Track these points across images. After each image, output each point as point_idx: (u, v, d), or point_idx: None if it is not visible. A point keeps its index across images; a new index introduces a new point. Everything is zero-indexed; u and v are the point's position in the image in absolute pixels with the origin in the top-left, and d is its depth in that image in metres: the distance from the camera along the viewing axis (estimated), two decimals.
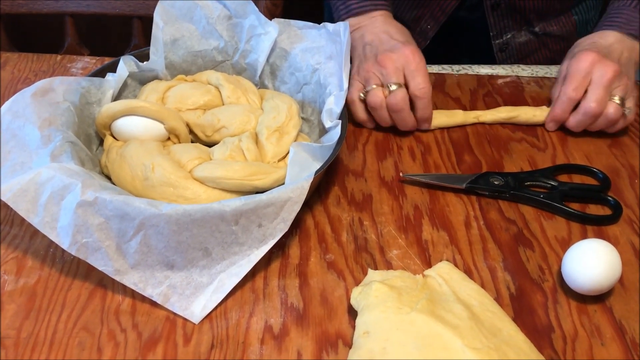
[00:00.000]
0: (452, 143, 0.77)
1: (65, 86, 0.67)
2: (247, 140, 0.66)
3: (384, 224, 0.65)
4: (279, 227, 0.56)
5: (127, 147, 0.65)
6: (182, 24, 0.76)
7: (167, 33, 0.76)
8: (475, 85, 0.87)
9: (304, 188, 0.57)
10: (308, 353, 0.52)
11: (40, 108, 0.63)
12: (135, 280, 0.55)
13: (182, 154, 0.64)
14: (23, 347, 0.52)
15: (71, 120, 0.65)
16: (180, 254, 0.55)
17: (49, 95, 0.65)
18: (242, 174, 0.61)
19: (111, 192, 0.56)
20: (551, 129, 0.79)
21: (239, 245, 0.56)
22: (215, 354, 0.52)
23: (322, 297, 0.57)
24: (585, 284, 0.56)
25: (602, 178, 0.71)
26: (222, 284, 0.56)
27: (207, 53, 0.77)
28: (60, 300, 0.56)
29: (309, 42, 0.74)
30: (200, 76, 0.76)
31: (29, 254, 0.60)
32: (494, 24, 0.96)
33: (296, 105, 0.71)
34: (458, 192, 0.69)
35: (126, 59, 0.74)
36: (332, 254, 0.61)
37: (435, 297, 0.53)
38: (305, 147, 0.61)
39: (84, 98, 0.68)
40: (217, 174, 0.61)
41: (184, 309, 0.55)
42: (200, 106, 0.72)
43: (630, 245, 0.64)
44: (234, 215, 0.54)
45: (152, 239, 0.54)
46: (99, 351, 0.52)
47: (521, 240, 0.64)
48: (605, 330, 0.55)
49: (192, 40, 0.77)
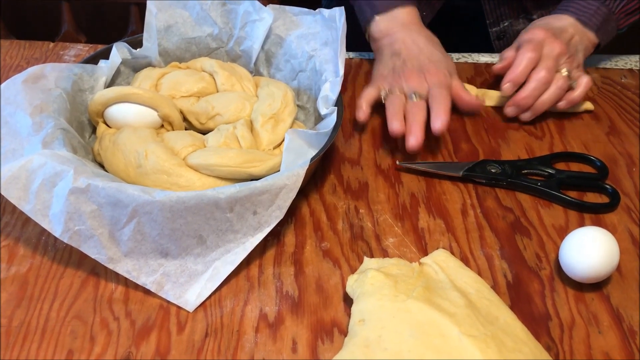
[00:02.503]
0: (449, 131, 0.76)
1: (57, 73, 0.66)
2: (242, 128, 0.65)
3: (380, 212, 0.64)
4: (275, 214, 0.56)
5: (120, 135, 0.64)
6: (175, 10, 0.75)
7: (160, 19, 0.75)
8: (472, 73, 0.87)
9: (299, 175, 0.56)
10: (303, 341, 0.52)
11: (31, 95, 0.62)
12: (128, 268, 0.55)
13: (175, 141, 0.63)
14: (14, 335, 0.51)
15: (63, 107, 0.64)
16: (175, 241, 0.55)
17: (40, 82, 0.64)
18: (236, 161, 0.61)
19: (104, 179, 0.55)
20: (508, 92, 0.77)
21: (234, 232, 0.56)
22: (210, 342, 0.52)
23: (318, 285, 0.57)
24: (583, 272, 0.55)
25: (600, 166, 0.71)
26: (217, 272, 0.56)
27: (201, 40, 0.76)
28: (52, 288, 0.55)
29: (304, 28, 0.73)
30: (194, 63, 0.75)
31: (20, 242, 0.59)
32: (490, 11, 0.96)
33: (291, 93, 0.71)
34: (455, 180, 0.69)
35: (119, 45, 0.73)
36: (328, 242, 0.61)
37: (431, 284, 0.53)
38: (300, 134, 0.61)
39: (76, 85, 0.67)
40: (211, 161, 0.60)
41: (178, 297, 0.54)
42: (194, 93, 0.71)
43: (628, 233, 0.63)
44: (228, 203, 0.54)
45: (146, 226, 0.54)
46: (92, 339, 0.51)
47: (518, 228, 0.63)
48: (603, 318, 0.55)
49: (186, 26, 0.76)
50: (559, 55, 0.76)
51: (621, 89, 0.85)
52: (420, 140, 0.69)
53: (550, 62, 0.75)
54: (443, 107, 0.71)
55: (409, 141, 0.69)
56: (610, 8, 0.80)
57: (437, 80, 0.74)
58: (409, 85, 0.73)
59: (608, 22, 0.81)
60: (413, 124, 0.70)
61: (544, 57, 0.76)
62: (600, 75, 0.88)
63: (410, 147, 0.69)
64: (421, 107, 0.72)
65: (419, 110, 0.71)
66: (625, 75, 0.88)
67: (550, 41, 0.76)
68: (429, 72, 0.74)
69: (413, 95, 0.73)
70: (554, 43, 0.76)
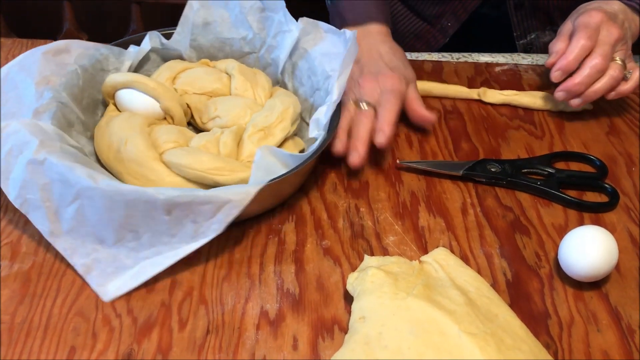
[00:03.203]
0: (449, 130, 0.77)
1: (82, 50, 0.68)
2: (228, 134, 0.64)
3: (381, 210, 0.65)
4: (214, 227, 0.54)
5: (116, 117, 0.65)
6: (216, 9, 0.75)
7: (199, 15, 0.75)
8: (472, 72, 0.87)
9: (248, 193, 0.54)
10: (304, 338, 0.52)
11: (45, 66, 0.65)
12: (65, 246, 0.56)
13: (161, 135, 0.64)
14: (17, 332, 0.52)
15: (73, 83, 0.66)
16: (111, 231, 0.55)
17: (60, 56, 0.66)
18: (205, 166, 0.60)
19: (65, 156, 0.56)
20: (557, 79, 0.75)
21: (170, 236, 0.55)
22: (211, 340, 0.52)
23: (318, 282, 0.57)
24: (582, 270, 0.56)
25: (599, 165, 0.71)
26: (143, 271, 0.55)
27: (235, 42, 0.76)
28: (54, 285, 0.56)
29: (329, 46, 0.70)
30: (221, 63, 0.75)
31: (23, 239, 0.60)
32: (518, 23, 0.94)
33: (295, 109, 0.68)
34: (455, 179, 0.69)
35: (153, 34, 0.74)
36: (329, 240, 0.61)
37: (431, 282, 0.53)
38: (274, 152, 0.59)
39: (100, 64, 0.70)
40: (182, 161, 0.60)
41: (100, 285, 0.55)
42: (207, 92, 0.71)
43: (627, 232, 0.64)
44: (166, 205, 0.53)
45: (87, 210, 0.55)
46: (94, 336, 0.52)
47: (518, 227, 0.64)
48: (601, 316, 0.55)
49: (223, 26, 0.75)
50: (616, 41, 0.73)
51: None
52: (362, 156, 0.66)
53: (607, 49, 0.72)
54: (387, 116, 0.68)
55: (351, 158, 0.66)
56: None
57: (390, 84, 0.71)
58: (361, 92, 0.71)
59: None
60: (356, 139, 0.67)
61: (600, 43, 0.73)
62: None
63: (351, 165, 0.66)
64: (368, 116, 0.69)
65: (365, 120, 0.68)
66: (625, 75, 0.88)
67: (608, 25, 0.73)
68: (384, 76, 0.72)
69: (363, 103, 0.70)
70: (612, 28, 0.73)
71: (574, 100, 0.75)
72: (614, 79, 0.73)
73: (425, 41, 1.00)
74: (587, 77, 0.73)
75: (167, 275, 0.57)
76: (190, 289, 0.56)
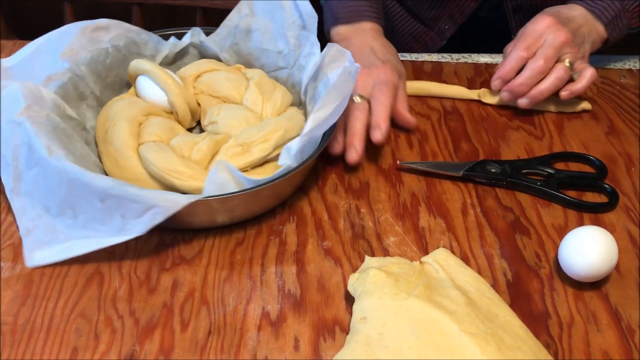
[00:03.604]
0: (449, 131, 0.77)
1: (121, 31, 0.71)
2: (206, 141, 0.64)
3: (381, 211, 0.65)
4: (138, 227, 0.54)
5: (121, 100, 0.67)
6: (262, 18, 0.74)
7: (245, 21, 0.75)
8: (472, 73, 0.87)
9: (177, 203, 0.54)
10: (305, 339, 0.53)
11: (77, 40, 0.68)
12: (18, 206, 0.59)
13: (150, 126, 0.65)
14: (20, 333, 0.52)
15: (99, 60, 0.69)
16: (56, 203, 0.57)
17: (98, 33, 0.69)
18: (166, 167, 0.60)
19: (42, 124, 0.59)
20: (497, 87, 0.78)
21: (101, 223, 0.56)
22: (213, 341, 0.52)
23: (320, 283, 0.57)
24: (582, 270, 0.56)
25: (599, 166, 0.71)
26: (70, 249, 0.57)
27: (271, 54, 0.75)
28: (57, 287, 0.56)
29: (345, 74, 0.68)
30: (249, 72, 0.74)
31: None
32: (516, 26, 0.94)
33: (285, 134, 0.65)
34: (455, 179, 0.69)
35: (196, 30, 0.75)
36: (330, 241, 0.61)
37: (432, 283, 0.53)
38: (230, 170, 0.58)
39: (137, 48, 0.72)
40: (148, 156, 0.61)
41: (30, 250, 0.57)
42: (221, 97, 0.71)
43: (627, 232, 0.64)
44: (100, 193, 0.55)
45: (41, 178, 0.57)
46: (96, 337, 0.52)
47: (518, 227, 0.64)
48: (601, 316, 0.56)
49: (264, 36, 0.75)
50: (562, 44, 0.74)
51: (620, 89, 0.86)
52: (360, 152, 0.67)
53: (549, 51, 0.74)
54: (382, 112, 0.69)
55: (348, 155, 0.67)
56: (624, 4, 0.79)
57: (383, 76, 0.72)
58: (355, 86, 0.71)
59: (620, 19, 0.80)
60: (352, 136, 0.68)
61: (544, 46, 0.75)
62: (599, 75, 0.88)
63: (350, 162, 0.67)
64: (363, 109, 0.69)
65: (359, 114, 0.69)
66: (624, 75, 0.88)
67: (554, 29, 0.75)
68: (377, 68, 0.73)
69: (356, 97, 0.71)
70: (558, 31, 0.75)
71: (521, 100, 0.77)
72: (559, 80, 0.75)
73: (423, 43, 1.01)
74: (528, 79, 0.75)
75: (169, 276, 0.57)
76: (192, 290, 0.56)
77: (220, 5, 1.12)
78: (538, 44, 0.75)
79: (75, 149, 0.62)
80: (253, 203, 0.61)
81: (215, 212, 0.59)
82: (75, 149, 0.62)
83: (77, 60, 0.67)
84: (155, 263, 0.58)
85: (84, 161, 0.62)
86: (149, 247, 0.60)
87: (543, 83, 0.76)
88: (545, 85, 0.75)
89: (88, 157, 0.63)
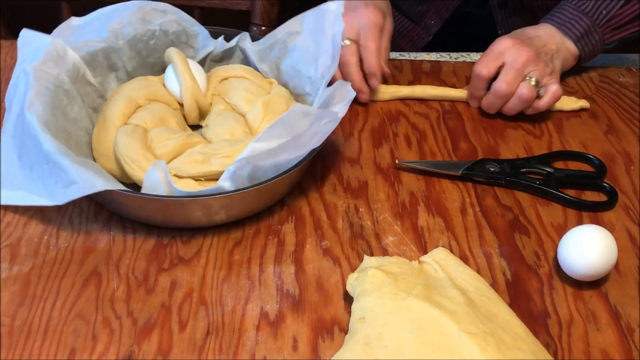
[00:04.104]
0: (447, 130, 0.77)
1: (176, 18, 0.73)
2: (176, 140, 0.64)
3: (380, 210, 0.65)
4: (59, 197, 0.58)
5: (140, 80, 0.71)
6: (306, 39, 0.72)
7: (292, 39, 0.73)
8: (470, 72, 0.87)
9: (94, 186, 0.56)
10: (304, 339, 0.52)
11: (130, 16, 0.71)
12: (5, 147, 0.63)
13: (145, 111, 0.67)
14: (17, 334, 0.52)
15: (142, 39, 0.72)
16: (23, 153, 0.61)
17: (152, 14, 0.72)
18: (124, 152, 0.62)
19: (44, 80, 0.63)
20: (473, 105, 0.80)
21: (44, 183, 0.59)
22: (211, 341, 0.52)
23: (318, 283, 0.57)
24: (581, 269, 0.56)
25: (598, 164, 0.71)
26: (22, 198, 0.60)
27: (303, 78, 0.73)
28: (54, 287, 0.56)
29: None
30: (276, 89, 0.72)
31: (22, 241, 0.60)
32: (502, 22, 0.95)
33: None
34: (454, 178, 0.69)
35: (244, 34, 0.76)
36: (328, 240, 0.61)
37: (431, 282, 0.53)
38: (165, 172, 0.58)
39: (186, 37, 0.75)
40: (118, 138, 0.63)
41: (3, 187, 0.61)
42: (231, 104, 0.71)
43: (626, 231, 0.64)
44: (45, 155, 0.58)
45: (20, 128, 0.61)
46: (94, 338, 0.52)
47: (517, 226, 0.64)
48: (601, 315, 0.55)
49: (302, 57, 0.72)
50: (524, 63, 0.74)
51: (619, 87, 0.86)
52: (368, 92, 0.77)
53: (511, 73, 0.74)
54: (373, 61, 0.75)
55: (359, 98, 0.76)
56: (593, 20, 0.79)
57: (367, 18, 0.76)
58: None
59: (591, 34, 0.80)
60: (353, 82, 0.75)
61: (506, 67, 0.75)
62: (598, 74, 0.88)
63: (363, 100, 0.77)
64: (353, 51, 0.75)
65: (351, 58, 0.75)
66: (623, 74, 0.88)
67: (515, 50, 0.75)
68: (360, 10, 0.76)
69: (345, 41, 0.75)
70: (519, 51, 0.75)
71: None
72: (521, 100, 0.75)
73: (410, 39, 1.01)
74: (493, 103, 0.77)
75: (167, 277, 0.57)
76: (190, 290, 0.56)
77: (218, 5, 1.12)
78: (495, 62, 0.76)
79: (71, 111, 0.65)
80: (250, 200, 0.60)
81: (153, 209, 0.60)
82: (70, 111, 0.65)
83: (119, 33, 0.71)
84: (153, 263, 0.58)
85: (72, 125, 0.65)
86: (147, 247, 0.59)
87: (507, 104, 0.76)
88: (509, 106, 0.76)
89: (80, 122, 0.66)
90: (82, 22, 0.71)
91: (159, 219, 0.61)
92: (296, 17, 0.73)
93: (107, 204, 0.63)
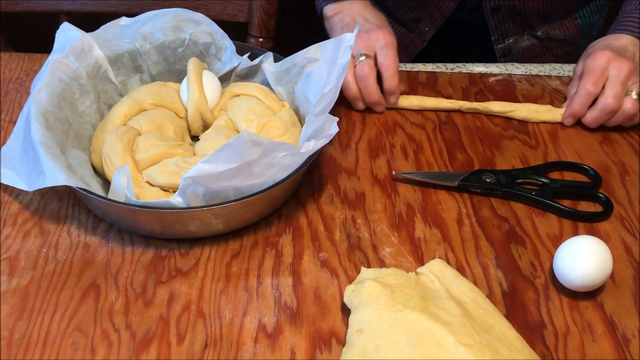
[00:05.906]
0: (444, 141, 0.77)
1: (208, 30, 0.75)
2: (157, 148, 0.64)
3: (377, 222, 0.65)
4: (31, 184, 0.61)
5: (153, 84, 0.73)
6: (323, 66, 0.71)
7: (310, 66, 0.72)
8: (467, 83, 0.88)
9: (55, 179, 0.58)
10: (302, 351, 0.53)
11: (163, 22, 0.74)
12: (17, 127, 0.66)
13: (145, 116, 0.68)
14: (16, 347, 0.52)
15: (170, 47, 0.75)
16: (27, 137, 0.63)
17: (185, 24, 0.75)
18: (106, 151, 0.64)
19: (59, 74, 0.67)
20: (569, 124, 0.79)
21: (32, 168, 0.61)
22: (209, 353, 0.52)
23: (316, 295, 0.57)
24: (577, 280, 0.56)
25: (593, 175, 0.72)
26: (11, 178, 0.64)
27: (310, 105, 0.71)
28: (53, 300, 0.56)
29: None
30: (284, 112, 0.71)
31: (21, 254, 0.60)
32: (495, 28, 0.95)
33: None
34: (450, 189, 0.69)
35: (268, 55, 0.76)
36: (325, 252, 0.62)
37: (428, 294, 0.54)
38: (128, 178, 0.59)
39: (215, 50, 0.76)
40: (107, 137, 0.65)
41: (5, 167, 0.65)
42: (232, 121, 0.71)
43: (621, 241, 0.64)
44: (31, 143, 0.61)
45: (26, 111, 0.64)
46: (93, 351, 0.52)
47: (513, 237, 0.64)
48: (597, 326, 0.56)
49: (315, 85, 0.71)
50: (627, 77, 0.74)
51: None
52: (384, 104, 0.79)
53: (618, 88, 0.74)
54: (392, 80, 0.77)
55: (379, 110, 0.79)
56: None
57: (383, 39, 0.77)
58: (357, 48, 0.77)
59: None
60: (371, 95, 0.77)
61: (611, 82, 0.75)
62: None
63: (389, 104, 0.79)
64: (370, 65, 0.76)
65: (369, 72, 0.76)
66: None
67: (616, 62, 0.75)
68: (374, 32, 0.78)
69: (362, 57, 0.76)
70: (621, 64, 0.74)
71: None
72: (626, 114, 0.75)
73: (404, 46, 1.02)
74: (598, 118, 0.76)
75: (165, 289, 0.57)
76: (188, 302, 0.56)
77: (216, 17, 1.12)
78: (603, 78, 0.75)
79: (81, 104, 0.69)
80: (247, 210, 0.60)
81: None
82: (80, 105, 0.69)
83: (148, 37, 0.74)
84: (151, 275, 0.58)
85: (79, 117, 0.68)
86: (145, 260, 0.60)
87: (612, 120, 0.76)
88: (614, 121, 0.77)
89: (88, 116, 0.70)
90: (128, 23, 0.74)
91: (157, 230, 0.61)
92: (319, 44, 0.72)
93: (105, 217, 0.63)
